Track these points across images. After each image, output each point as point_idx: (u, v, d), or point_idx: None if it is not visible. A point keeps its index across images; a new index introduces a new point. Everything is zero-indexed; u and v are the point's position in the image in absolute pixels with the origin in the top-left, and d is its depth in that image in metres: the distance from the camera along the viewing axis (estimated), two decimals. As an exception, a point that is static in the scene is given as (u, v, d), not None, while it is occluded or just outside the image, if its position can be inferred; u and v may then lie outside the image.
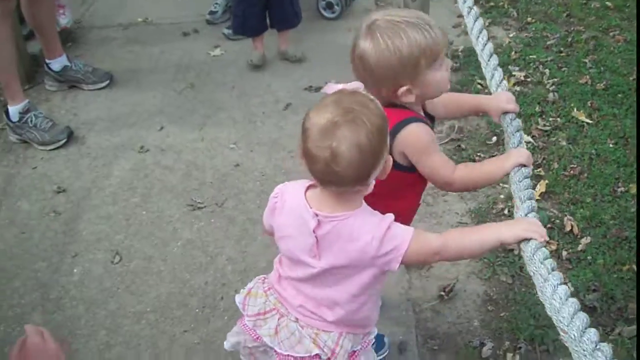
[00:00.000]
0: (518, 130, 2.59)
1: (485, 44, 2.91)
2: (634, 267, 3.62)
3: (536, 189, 4.11)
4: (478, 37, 2.98)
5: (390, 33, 2.29)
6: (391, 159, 2.16)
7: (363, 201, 2.18)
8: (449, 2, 6.37)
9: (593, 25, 5.98)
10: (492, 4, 6.39)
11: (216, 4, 6.19)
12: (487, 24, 6.06)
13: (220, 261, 3.74)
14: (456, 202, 4.11)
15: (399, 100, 2.39)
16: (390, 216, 2.16)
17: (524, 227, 2.14)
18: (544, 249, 2.05)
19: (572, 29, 5.94)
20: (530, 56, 5.51)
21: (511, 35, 5.88)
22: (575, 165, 4.31)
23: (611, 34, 5.85)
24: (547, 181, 4.17)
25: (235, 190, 4.23)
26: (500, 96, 2.69)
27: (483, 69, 2.90)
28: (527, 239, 2.10)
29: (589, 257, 3.71)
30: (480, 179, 2.54)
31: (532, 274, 2.02)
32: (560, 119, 4.75)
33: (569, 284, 3.54)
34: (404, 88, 2.36)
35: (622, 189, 4.14)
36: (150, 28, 6.19)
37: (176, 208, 4.11)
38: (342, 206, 2.12)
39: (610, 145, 4.49)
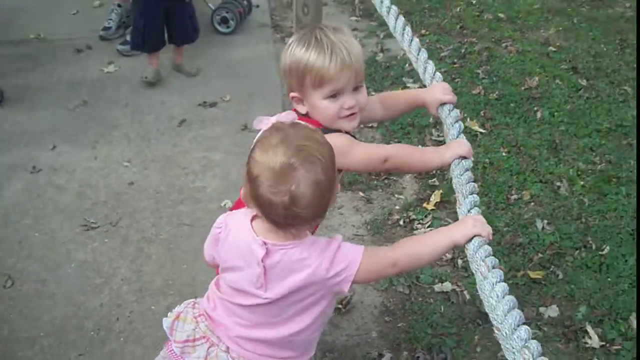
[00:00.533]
0: (457, 121, 2.54)
1: (411, 40, 2.90)
2: (529, 272, 3.68)
3: (431, 199, 4.17)
4: (403, 34, 2.97)
5: (304, 41, 2.34)
6: (339, 185, 2.14)
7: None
8: (344, 16, 6.45)
9: (486, 37, 6.12)
10: (386, 17, 6.45)
11: (110, 19, 6.12)
12: (381, 36, 6.15)
13: (115, 282, 3.67)
14: (352, 214, 4.13)
15: (292, 103, 2.44)
16: (339, 237, 2.11)
17: (471, 223, 2.08)
18: (486, 246, 2.03)
19: (465, 40, 6.06)
20: (425, 68, 5.58)
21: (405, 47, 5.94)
22: (469, 175, 4.36)
23: (503, 44, 6.00)
24: (441, 191, 4.22)
25: (130, 209, 4.16)
26: (435, 88, 2.66)
27: (414, 64, 2.88)
28: (473, 237, 2.06)
29: (483, 265, 3.76)
30: (416, 162, 2.46)
31: (474, 271, 2.00)
32: (454, 129, 4.81)
33: (465, 292, 3.60)
34: (294, 94, 2.40)
35: (515, 196, 4.23)
36: (42, 44, 6.08)
37: (69, 229, 4.02)
38: (292, 235, 2.05)
39: (503, 154, 4.58)
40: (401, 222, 4.04)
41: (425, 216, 4.06)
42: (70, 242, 3.93)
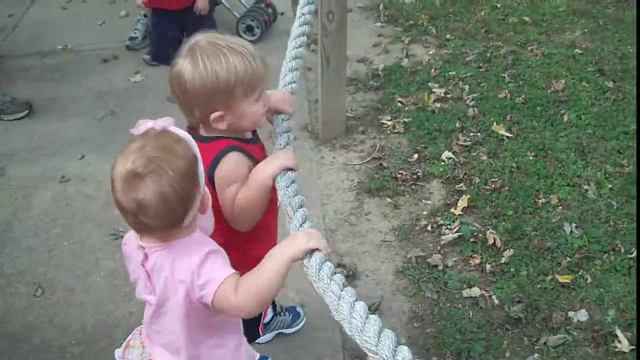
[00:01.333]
0: (287, 132, 2.48)
1: (296, 48, 2.92)
2: (557, 277, 3.67)
3: (458, 204, 4.16)
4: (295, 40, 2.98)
5: (211, 55, 2.19)
6: (209, 193, 2.09)
7: (196, 230, 2.09)
8: (369, 22, 6.44)
9: (511, 40, 6.09)
10: (411, 22, 6.47)
11: (136, 29, 6.17)
12: (406, 42, 6.14)
13: (144, 290, 3.69)
14: (379, 220, 4.12)
15: (212, 125, 2.28)
16: (211, 245, 2.07)
17: (306, 239, 1.97)
18: (328, 262, 1.90)
19: (490, 44, 6.04)
20: (450, 72, 5.59)
21: (430, 52, 5.95)
22: (497, 179, 4.37)
23: (529, 48, 5.97)
24: (469, 196, 4.22)
25: (158, 217, 4.17)
26: (276, 93, 2.58)
27: (282, 67, 2.82)
28: (312, 250, 1.94)
29: (512, 269, 3.75)
30: (252, 194, 2.31)
31: (321, 292, 1.84)
32: (481, 133, 4.82)
33: (494, 297, 3.59)
34: (216, 114, 2.24)
35: (543, 200, 4.21)
36: (69, 55, 6.13)
37: (98, 237, 4.05)
38: (165, 237, 2.02)
39: (530, 158, 4.56)
40: (429, 228, 4.04)
41: (453, 221, 4.06)
42: (99, 250, 3.96)
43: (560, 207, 4.15)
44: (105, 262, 3.88)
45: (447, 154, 4.59)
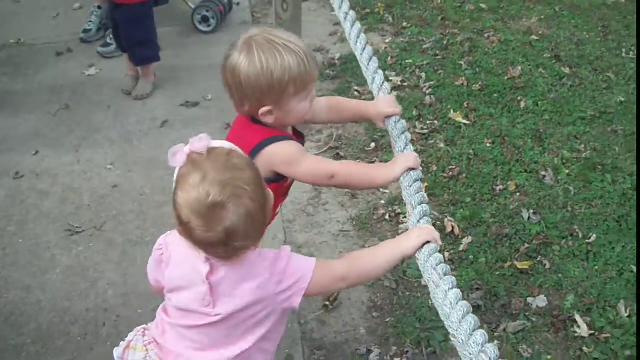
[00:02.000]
0: (403, 132, 2.55)
1: (364, 48, 2.90)
2: (516, 263, 3.68)
3: (416, 193, 4.16)
4: (357, 42, 2.96)
5: (267, 52, 2.23)
6: (272, 193, 2.04)
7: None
8: (326, 10, 6.41)
9: (468, 28, 6.09)
10: (367, 10, 6.44)
11: (90, 22, 6.07)
12: (363, 30, 6.09)
13: (101, 286, 3.65)
14: (337, 210, 4.12)
15: (258, 118, 2.36)
16: (287, 249, 2.07)
17: (417, 234, 2.11)
18: (437, 254, 2.03)
19: (447, 32, 6.04)
20: (407, 60, 5.58)
21: (387, 40, 5.94)
22: (454, 166, 4.37)
23: (486, 35, 5.97)
24: (426, 184, 4.21)
25: (114, 212, 4.14)
26: (380, 101, 2.66)
27: (364, 73, 2.87)
28: (423, 245, 2.08)
29: (470, 257, 3.76)
30: (363, 179, 2.46)
31: (426, 280, 2.00)
32: (438, 121, 4.82)
33: (453, 285, 3.59)
34: (265, 108, 2.31)
35: (501, 187, 4.22)
36: (22, 49, 6.03)
37: (54, 234, 3.99)
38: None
39: (488, 145, 4.57)
40: (387, 217, 4.03)
41: (411, 210, 4.05)
42: (54, 247, 3.91)
43: (517, 194, 4.17)
44: (62, 259, 3.83)
45: (404, 142, 4.58)
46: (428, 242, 2.08)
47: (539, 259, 3.73)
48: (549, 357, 3.24)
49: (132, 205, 4.19)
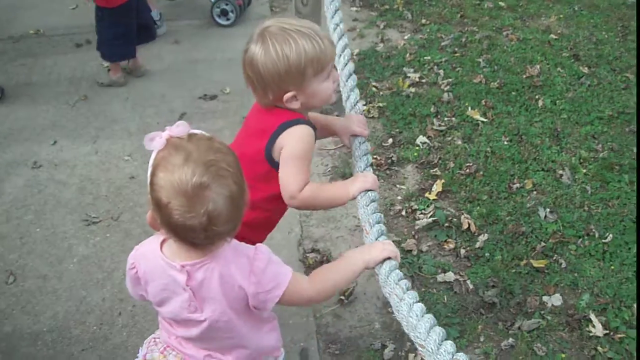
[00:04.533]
0: (366, 154, 2.59)
1: (346, 64, 2.88)
2: (532, 261, 3.67)
3: (433, 189, 4.16)
4: (341, 55, 2.92)
5: (281, 40, 2.29)
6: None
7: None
8: (345, 6, 6.40)
9: (486, 25, 6.09)
10: (386, 7, 6.46)
11: (108, 13, 6.09)
12: (382, 26, 6.13)
13: (117, 276, 3.66)
14: (353, 205, 4.08)
15: (285, 105, 2.39)
16: (265, 248, 2.06)
17: (381, 248, 2.17)
18: (397, 270, 2.10)
19: (466, 29, 6.04)
20: (425, 57, 5.58)
21: (406, 37, 5.94)
22: (471, 164, 4.36)
23: (504, 33, 5.97)
24: (443, 180, 4.21)
25: (131, 203, 4.15)
26: (350, 119, 2.68)
27: (341, 89, 2.83)
28: (384, 260, 2.14)
29: (486, 254, 3.75)
30: (325, 200, 2.50)
31: (387, 295, 2.06)
32: (455, 118, 4.81)
33: (468, 282, 3.59)
34: (289, 94, 2.36)
35: (517, 185, 4.21)
36: (42, 40, 6.06)
37: (71, 224, 4.01)
38: (209, 250, 1.97)
39: (505, 143, 4.56)
40: (403, 213, 4.03)
41: (428, 206, 4.05)
42: (72, 237, 3.93)
43: (534, 192, 4.16)
44: (78, 249, 3.84)
45: (421, 138, 4.59)
46: (389, 258, 2.15)
47: (554, 258, 3.72)
48: (563, 355, 3.23)
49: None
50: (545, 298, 3.50)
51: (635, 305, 3.41)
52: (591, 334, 3.31)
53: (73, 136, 4.77)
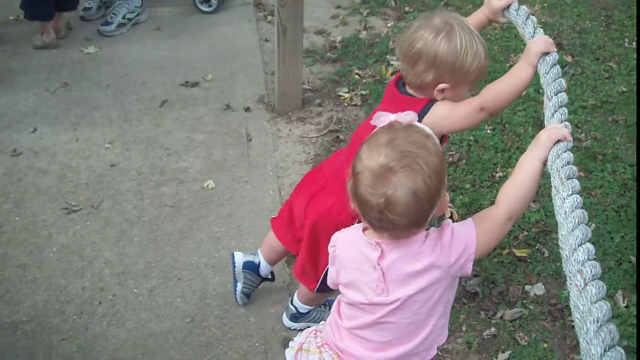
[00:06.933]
0: (528, 17, 2.58)
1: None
2: (514, 251, 3.68)
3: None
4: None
5: (467, 37, 2.43)
6: (447, 196, 2.03)
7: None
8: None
9: (470, 13, 6.04)
10: (370, -7, 6.42)
11: (90, 0, 6.05)
12: (365, 14, 6.10)
13: (97, 265, 3.64)
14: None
15: (432, 91, 2.48)
16: (449, 221, 2.05)
17: (545, 136, 2.08)
18: (565, 153, 2.01)
19: (449, 17, 6.00)
20: (409, 45, 5.54)
21: (389, 25, 5.91)
22: (454, 152, 4.36)
23: (488, 21, 5.94)
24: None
25: (112, 191, 4.12)
26: (489, 1, 2.75)
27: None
28: (556, 143, 2.06)
29: (469, 244, 3.74)
30: (508, 86, 2.45)
31: (552, 178, 2.00)
32: (439, 107, 4.79)
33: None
34: (444, 85, 2.45)
35: (500, 174, 4.21)
36: (22, 26, 5.97)
37: (51, 212, 3.97)
38: (404, 236, 2.00)
39: (488, 131, 4.56)
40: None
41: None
42: (51, 225, 3.89)
43: (517, 181, 4.14)
44: (58, 237, 3.81)
45: (405, 127, 4.56)
46: (559, 140, 2.05)
47: (537, 247, 3.72)
48: (545, 345, 3.23)
49: (130, 184, 4.17)
50: (527, 287, 3.50)
51: (617, 295, 3.42)
52: (573, 324, 3.29)
53: (53, 123, 4.72)
